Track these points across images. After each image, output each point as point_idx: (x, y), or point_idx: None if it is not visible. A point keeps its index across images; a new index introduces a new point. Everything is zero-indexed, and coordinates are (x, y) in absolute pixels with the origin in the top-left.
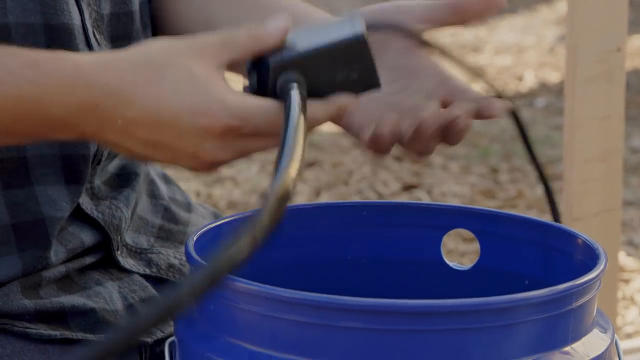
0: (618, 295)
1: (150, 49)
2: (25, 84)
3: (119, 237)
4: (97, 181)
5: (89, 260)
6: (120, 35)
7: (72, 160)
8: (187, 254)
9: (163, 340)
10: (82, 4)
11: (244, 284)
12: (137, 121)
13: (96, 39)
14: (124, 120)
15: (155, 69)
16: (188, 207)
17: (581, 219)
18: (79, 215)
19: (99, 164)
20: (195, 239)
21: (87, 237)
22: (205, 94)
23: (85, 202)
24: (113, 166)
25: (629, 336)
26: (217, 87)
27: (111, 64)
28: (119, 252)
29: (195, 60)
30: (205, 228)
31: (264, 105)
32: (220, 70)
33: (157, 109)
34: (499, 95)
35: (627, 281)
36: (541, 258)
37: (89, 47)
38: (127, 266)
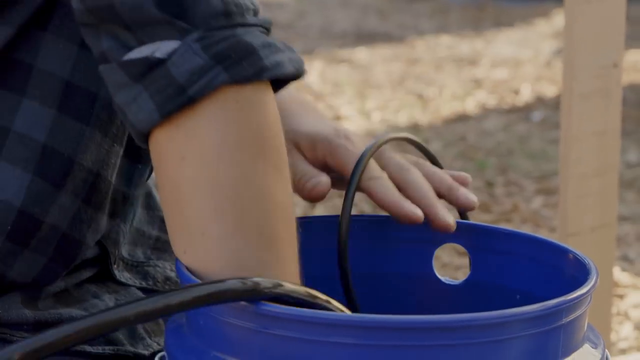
0: (612, 310)
1: None
2: None
3: (116, 251)
4: None
5: (86, 274)
6: None
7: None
8: (178, 269)
9: (160, 351)
10: None
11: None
12: None
13: None
14: None
15: None
16: None
17: (576, 234)
18: None
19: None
20: None
21: (88, 251)
22: None
23: None
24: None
25: (623, 352)
26: None
27: None
28: (115, 265)
29: None
30: None
31: None
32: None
33: None
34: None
35: (621, 296)
36: (533, 273)
37: None
38: (123, 280)
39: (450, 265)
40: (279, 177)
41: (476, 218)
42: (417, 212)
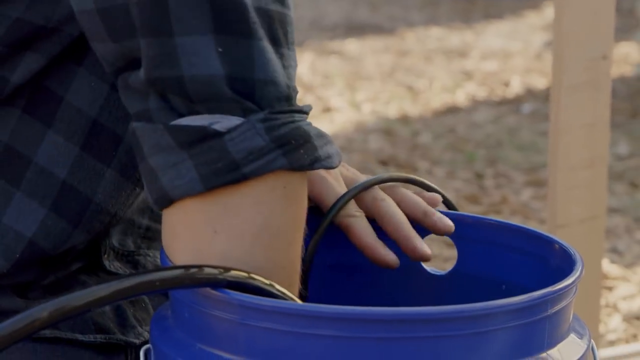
0: (601, 302)
1: None
2: None
3: (106, 241)
4: None
5: (76, 265)
6: None
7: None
8: (162, 259)
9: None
10: None
11: (218, 292)
12: None
13: None
14: None
15: None
16: None
17: (565, 225)
18: None
19: None
20: None
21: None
22: None
23: None
24: None
25: (611, 344)
26: None
27: None
28: (105, 255)
29: None
30: None
31: None
32: None
33: None
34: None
35: (610, 288)
36: (518, 263)
37: None
38: (113, 269)
39: (440, 256)
40: (297, 267)
41: (465, 209)
42: (391, 258)
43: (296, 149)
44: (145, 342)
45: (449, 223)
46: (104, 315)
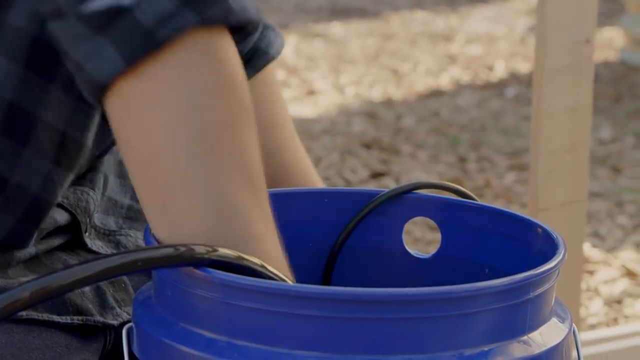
0: (582, 286)
1: None
2: None
3: (87, 220)
4: None
5: (57, 241)
6: None
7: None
8: (146, 236)
9: (130, 322)
10: None
11: (201, 271)
12: None
13: None
14: None
15: None
16: None
17: (547, 209)
18: None
19: None
20: None
21: (60, 217)
22: None
23: None
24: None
25: (592, 327)
26: None
27: None
28: (87, 234)
29: None
30: None
31: None
32: None
33: None
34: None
35: (591, 272)
36: (501, 247)
37: None
38: (94, 248)
39: (422, 239)
40: (249, 121)
41: (448, 193)
42: None
43: (205, 4)
44: (124, 323)
45: None
46: (82, 296)
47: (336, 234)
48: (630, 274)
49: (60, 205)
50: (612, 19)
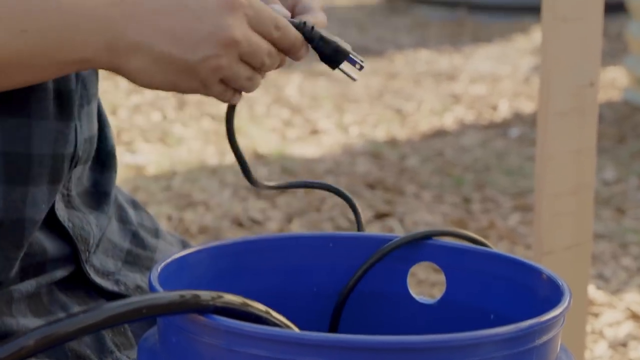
0: (587, 329)
1: None
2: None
3: (86, 252)
4: (74, 191)
5: (59, 274)
6: None
7: (54, 160)
8: (150, 283)
9: None
10: None
11: (206, 318)
12: (161, 10)
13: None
14: (150, 12)
15: None
16: (156, 233)
17: (552, 252)
18: (48, 223)
19: (76, 165)
20: (159, 269)
21: (51, 247)
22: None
23: (60, 208)
24: (87, 179)
25: None
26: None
27: None
28: (87, 266)
29: None
30: (170, 259)
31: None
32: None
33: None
34: None
35: (596, 315)
36: (506, 293)
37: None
38: (96, 281)
39: (427, 281)
40: None
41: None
42: None
43: None
44: None
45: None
46: (80, 341)
47: (341, 279)
48: (635, 316)
49: (59, 232)
50: (616, 59)
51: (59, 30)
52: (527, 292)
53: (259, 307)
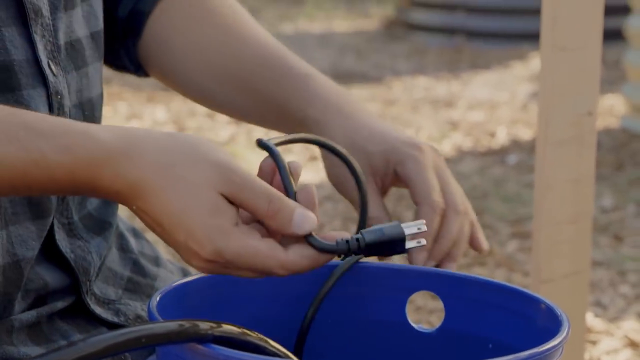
0: (585, 357)
1: (175, 152)
2: (57, 169)
3: (87, 282)
4: (75, 217)
5: (58, 305)
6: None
7: (36, 197)
8: (149, 312)
9: None
10: (36, 36)
11: (205, 347)
12: (147, 213)
13: (52, 71)
14: (137, 207)
15: (173, 178)
16: (156, 261)
17: (550, 280)
18: (48, 256)
19: (63, 199)
20: (158, 298)
21: (52, 279)
22: (203, 226)
23: (61, 238)
24: (91, 203)
25: None
26: (216, 223)
27: (137, 156)
28: (88, 297)
29: (209, 183)
30: (170, 287)
31: (253, 247)
32: (229, 205)
33: (162, 214)
34: None
35: (594, 342)
36: (505, 322)
37: (44, 78)
38: (97, 312)
39: (424, 308)
40: None
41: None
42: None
43: None
44: None
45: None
46: None
47: (338, 306)
48: (633, 344)
49: (59, 263)
50: (613, 86)
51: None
52: (526, 321)
53: (257, 336)
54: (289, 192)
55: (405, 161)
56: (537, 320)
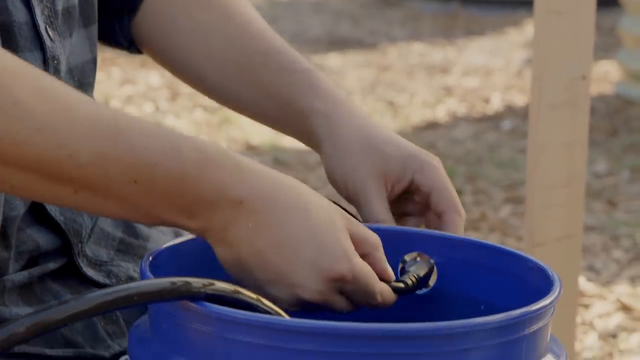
0: (577, 320)
1: (300, 184)
2: (190, 166)
3: (79, 244)
4: None
5: (51, 266)
6: (69, 30)
7: None
8: (142, 271)
9: (122, 353)
10: (34, 1)
11: (197, 305)
12: (266, 231)
13: (49, 36)
14: (255, 225)
15: (304, 200)
16: None
17: (543, 244)
18: (38, 218)
19: None
20: (151, 258)
21: (44, 241)
22: (338, 241)
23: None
24: None
25: None
26: (347, 244)
27: (268, 173)
28: (80, 259)
29: (341, 220)
30: (163, 247)
31: (369, 269)
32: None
33: (290, 229)
34: None
35: (586, 306)
36: (497, 283)
37: (41, 43)
38: (88, 274)
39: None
40: None
41: None
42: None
43: None
44: (116, 355)
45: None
46: (72, 328)
47: None
48: (625, 308)
49: (51, 225)
50: (608, 52)
51: (169, 197)
52: (518, 282)
53: (250, 294)
54: None
55: (425, 169)
56: (529, 282)
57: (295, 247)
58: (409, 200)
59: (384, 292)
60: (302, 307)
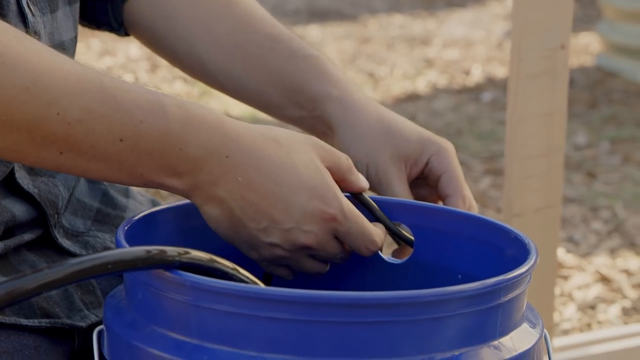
0: (556, 291)
1: (277, 131)
2: (174, 122)
3: (55, 215)
4: None
5: (27, 237)
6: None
7: None
8: (117, 240)
9: (99, 323)
10: None
11: (172, 274)
12: (255, 184)
13: (30, 10)
14: (244, 179)
15: (285, 147)
16: (126, 192)
17: (521, 214)
18: (13, 190)
19: None
20: (127, 227)
21: (19, 212)
22: (325, 183)
23: (22, 176)
24: None
25: (565, 332)
26: (333, 184)
27: (248, 128)
28: (56, 230)
29: (318, 156)
30: (138, 216)
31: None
32: (329, 173)
33: (278, 179)
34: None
35: (565, 278)
36: (474, 253)
37: (23, 17)
38: (64, 245)
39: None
40: None
41: None
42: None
43: None
44: (93, 325)
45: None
46: (49, 299)
47: None
48: (604, 279)
49: (26, 197)
50: (589, 24)
51: (154, 155)
52: (495, 252)
53: (226, 263)
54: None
55: (442, 153)
56: (505, 250)
57: (287, 194)
58: (422, 184)
59: (375, 231)
60: (299, 250)
